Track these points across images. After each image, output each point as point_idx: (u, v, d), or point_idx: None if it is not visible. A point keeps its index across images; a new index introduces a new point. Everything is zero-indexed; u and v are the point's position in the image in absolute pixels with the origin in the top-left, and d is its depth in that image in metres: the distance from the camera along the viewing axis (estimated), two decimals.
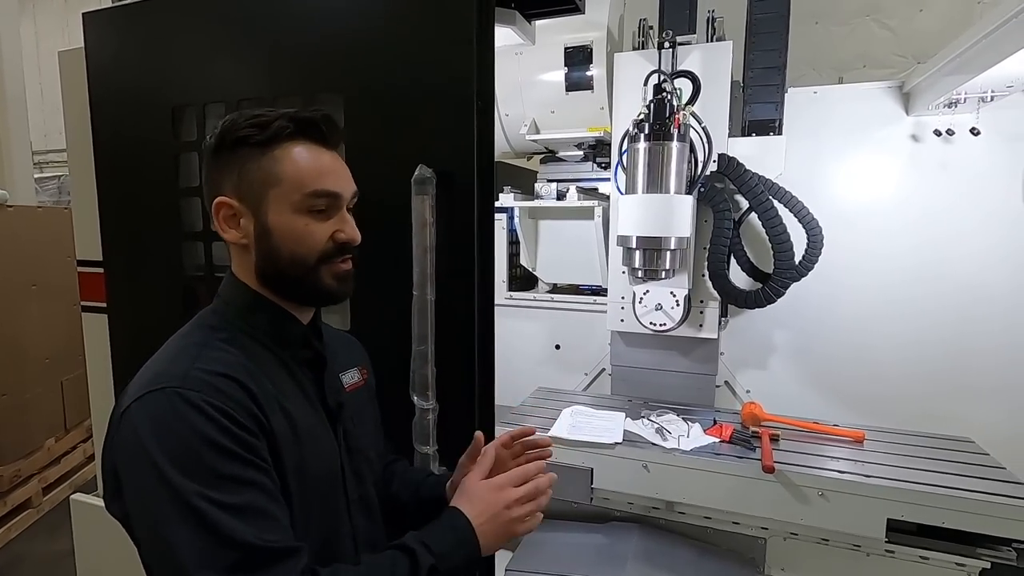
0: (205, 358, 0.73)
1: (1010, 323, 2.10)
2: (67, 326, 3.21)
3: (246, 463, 0.67)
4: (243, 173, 0.76)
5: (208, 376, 0.70)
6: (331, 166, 0.79)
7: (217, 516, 0.63)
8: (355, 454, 0.87)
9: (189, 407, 0.66)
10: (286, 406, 0.76)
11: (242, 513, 0.64)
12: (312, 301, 0.84)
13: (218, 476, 0.64)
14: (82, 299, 1.75)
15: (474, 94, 1.15)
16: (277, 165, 0.76)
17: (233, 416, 0.68)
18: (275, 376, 0.78)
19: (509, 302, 2.59)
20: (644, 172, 1.91)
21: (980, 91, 1.86)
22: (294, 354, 0.82)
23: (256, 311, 0.81)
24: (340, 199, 0.79)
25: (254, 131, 0.75)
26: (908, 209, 2.19)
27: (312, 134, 0.78)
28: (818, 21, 3.27)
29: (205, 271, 1.47)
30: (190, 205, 1.46)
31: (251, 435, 0.69)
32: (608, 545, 1.79)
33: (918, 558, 1.61)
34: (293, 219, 0.76)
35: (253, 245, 0.78)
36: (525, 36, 1.47)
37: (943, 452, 1.79)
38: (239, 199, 0.77)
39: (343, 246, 0.80)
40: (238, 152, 0.76)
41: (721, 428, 1.90)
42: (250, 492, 0.66)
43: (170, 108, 1.44)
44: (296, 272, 0.78)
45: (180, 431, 0.65)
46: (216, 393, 0.68)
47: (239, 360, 0.75)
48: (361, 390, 0.94)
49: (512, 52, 2.33)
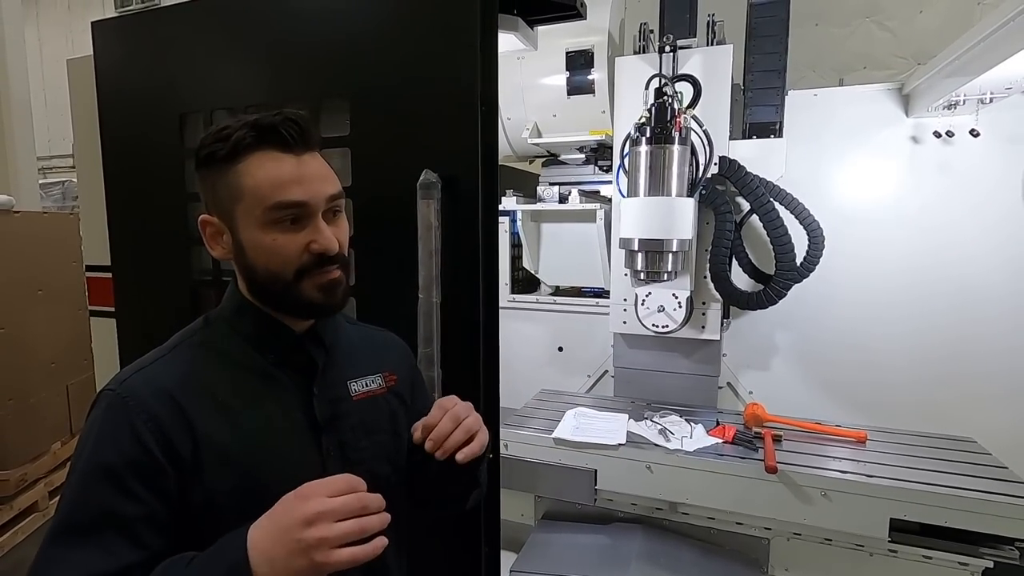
0: (157, 364, 0.76)
1: (1011, 324, 2.10)
2: (72, 330, 3.23)
3: (121, 489, 0.67)
4: (215, 190, 0.76)
5: (143, 386, 0.72)
6: (294, 174, 0.73)
7: (62, 528, 0.67)
8: (354, 467, 0.78)
9: (109, 417, 0.70)
10: (238, 416, 0.75)
11: (82, 536, 0.66)
12: (300, 314, 0.80)
13: (89, 492, 0.68)
14: (91, 304, 1.77)
15: (478, 99, 1.17)
16: (240, 179, 0.73)
17: (141, 438, 0.69)
18: (242, 385, 0.77)
19: (512, 305, 2.60)
20: (646, 175, 1.93)
21: (979, 93, 1.87)
22: (280, 361, 0.80)
23: (241, 315, 0.81)
24: (307, 208, 0.73)
25: (218, 146, 0.73)
26: (908, 210, 2.20)
27: (274, 140, 0.73)
28: (818, 23, 3.28)
29: (213, 275, 1.49)
30: (198, 210, 1.48)
31: (151, 460, 0.69)
32: (612, 546, 1.80)
33: (921, 558, 1.62)
34: (260, 235, 0.73)
35: (234, 260, 0.78)
36: (527, 42, 1.48)
37: (945, 452, 1.80)
38: (218, 216, 0.77)
39: (320, 256, 0.74)
40: (210, 168, 0.75)
41: (724, 429, 1.91)
42: (106, 520, 0.66)
43: (178, 114, 1.47)
44: (276, 287, 0.76)
45: (91, 437, 0.70)
46: (138, 406, 0.70)
47: (195, 368, 0.76)
48: (379, 399, 0.88)
49: (514, 57, 2.35)
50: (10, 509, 2.81)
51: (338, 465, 0.80)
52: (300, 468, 0.76)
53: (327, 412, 0.81)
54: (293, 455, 0.78)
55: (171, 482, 0.70)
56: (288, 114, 0.74)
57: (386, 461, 0.87)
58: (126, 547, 0.66)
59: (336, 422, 0.82)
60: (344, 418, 0.83)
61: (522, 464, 1.90)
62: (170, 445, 0.70)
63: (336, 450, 0.81)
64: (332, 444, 0.81)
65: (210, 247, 0.80)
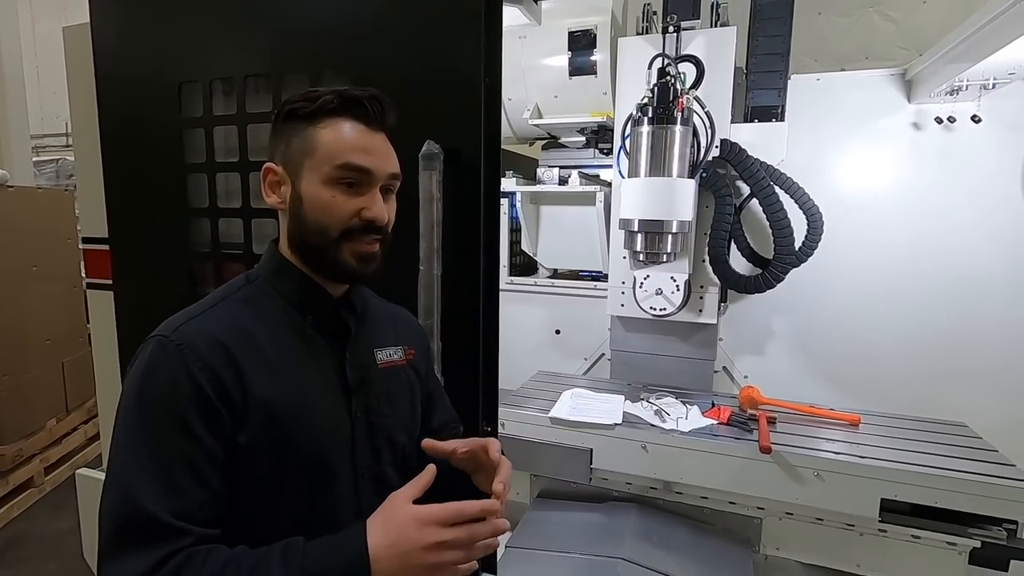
0: (207, 316, 0.78)
1: (1006, 311, 2.12)
2: (67, 307, 3.21)
3: (185, 431, 0.69)
4: (289, 143, 0.80)
5: (196, 334, 0.74)
6: (366, 143, 0.80)
7: (131, 468, 0.68)
8: (377, 431, 0.85)
9: (165, 361, 0.72)
10: (282, 372, 0.77)
11: (152, 475, 0.68)
12: (331, 275, 0.84)
13: (154, 434, 0.69)
14: (88, 276, 1.76)
15: (482, 71, 1.16)
16: (316, 137, 0.78)
17: (197, 381, 0.71)
18: (282, 341, 0.79)
19: (510, 287, 2.60)
20: (647, 155, 1.92)
21: (982, 78, 1.87)
22: (318, 323, 0.83)
23: (282, 276, 0.84)
24: (371, 176, 0.79)
25: (303, 104, 0.79)
26: (907, 196, 2.20)
27: (357, 112, 0.79)
28: (821, 12, 3.25)
29: (211, 248, 1.48)
30: (197, 181, 1.47)
31: (208, 403, 0.71)
32: (606, 524, 1.82)
33: (910, 537, 1.64)
34: (321, 189, 0.78)
35: (288, 211, 0.82)
36: (531, 16, 1.47)
37: (936, 435, 1.82)
38: (283, 166, 0.81)
39: (368, 224, 0.79)
40: (289, 123, 0.80)
41: (719, 411, 1.92)
42: (173, 458, 0.69)
43: (176, 84, 1.45)
44: (318, 243, 0.79)
45: (149, 380, 0.72)
46: (192, 351, 0.72)
47: (242, 322, 0.78)
48: (400, 369, 0.92)
49: (516, 36, 2.33)
50: (6, 484, 2.81)
51: (363, 429, 0.84)
52: (332, 428, 0.81)
53: (357, 377, 0.85)
54: (327, 415, 0.81)
55: (227, 426, 0.72)
56: (375, 93, 0.81)
57: (403, 430, 0.91)
58: (195, 486, 0.69)
59: (364, 387, 0.85)
60: (371, 384, 0.86)
61: (519, 443, 1.92)
62: (225, 390, 0.72)
63: (362, 414, 0.84)
64: (360, 408, 0.84)
65: (266, 194, 0.83)
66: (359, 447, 0.83)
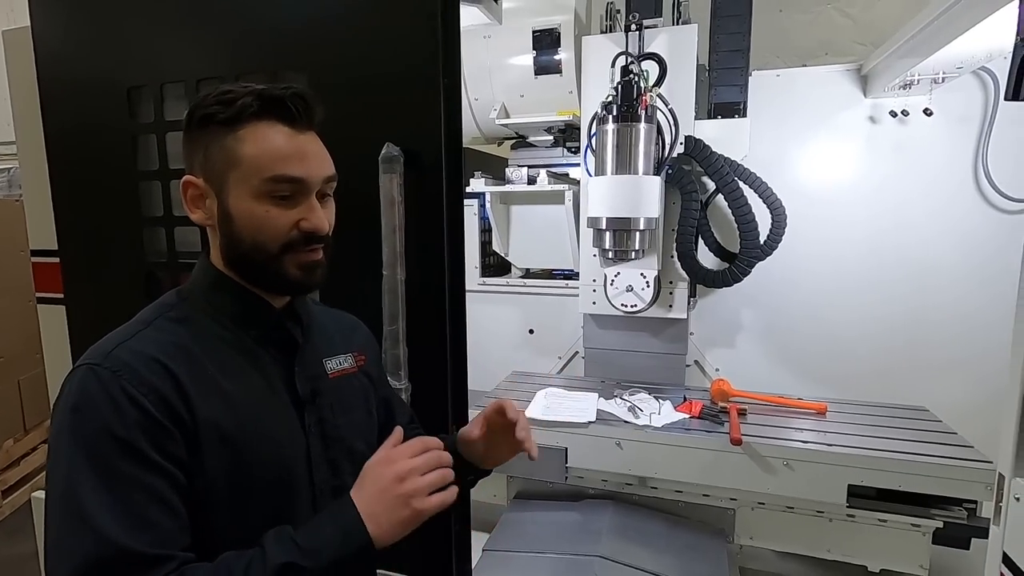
0: (140, 337, 0.71)
1: (961, 298, 2.19)
2: (23, 324, 3.08)
3: (139, 460, 0.65)
4: (208, 152, 0.73)
5: (132, 357, 0.68)
6: (296, 149, 0.73)
7: (93, 508, 0.62)
8: (333, 443, 0.82)
9: (101, 390, 0.66)
10: (229, 392, 0.73)
11: (118, 511, 0.63)
12: (277, 289, 0.80)
13: (107, 468, 0.64)
14: (37, 290, 1.68)
15: (440, 71, 1.14)
16: (239, 146, 0.72)
17: (143, 405, 0.66)
18: (225, 359, 0.75)
19: (482, 288, 2.59)
20: (613, 153, 1.93)
21: (932, 73, 1.93)
22: (261, 336, 0.79)
23: (219, 291, 0.78)
24: (306, 184, 0.74)
25: (219, 108, 0.72)
26: (866, 189, 2.26)
27: (280, 113, 0.73)
28: (782, 9, 3.31)
29: (168, 257, 1.43)
30: (149, 189, 1.42)
31: (158, 427, 0.66)
32: (582, 522, 1.83)
33: (877, 521, 1.69)
34: (253, 205, 0.72)
35: (217, 228, 0.76)
36: (492, 15, 1.46)
37: (899, 420, 1.88)
38: (205, 179, 0.75)
39: (309, 235, 0.75)
40: (206, 130, 0.73)
41: (691, 405, 1.95)
42: (133, 491, 0.64)
43: (126, 88, 1.40)
44: (259, 258, 0.75)
45: (86, 414, 0.65)
46: (132, 377, 0.67)
47: (180, 341, 0.73)
48: (352, 377, 0.89)
49: (480, 35, 2.32)
50: None
51: (319, 442, 0.81)
52: (286, 444, 0.78)
53: (308, 389, 0.82)
54: (280, 431, 0.78)
55: (181, 448, 0.68)
56: (297, 89, 0.75)
57: (361, 438, 0.88)
58: (164, 515, 0.65)
59: (316, 399, 0.82)
60: (323, 395, 0.83)
61: None
62: (172, 410, 0.67)
63: (316, 427, 0.81)
64: (313, 421, 0.81)
65: (189, 210, 0.77)
66: (316, 462, 0.80)
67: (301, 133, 0.75)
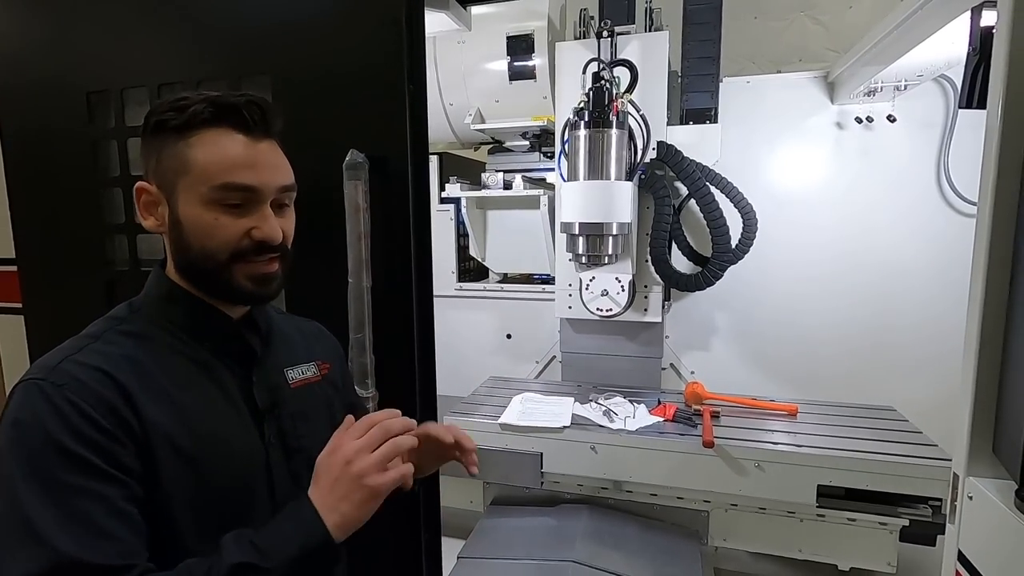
0: (87, 350, 0.69)
1: (926, 300, 2.25)
2: None
3: (90, 472, 0.63)
4: (160, 158, 0.72)
5: (78, 369, 0.66)
6: (248, 157, 0.72)
7: (42, 524, 0.60)
8: (294, 454, 0.81)
9: (46, 403, 0.64)
10: (182, 403, 0.71)
11: (70, 525, 0.61)
12: (228, 299, 0.78)
13: (56, 482, 0.62)
14: None
15: (405, 77, 1.14)
16: (189, 152, 0.71)
17: (91, 416, 0.64)
18: (178, 371, 0.73)
19: (459, 293, 2.58)
20: (585, 159, 1.94)
21: (895, 80, 1.98)
22: (216, 348, 0.77)
23: (172, 302, 0.77)
24: (258, 193, 0.72)
25: (172, 115, 0.71)
26: (834, 194, 2.31)
27: (234, 121, 0.72)
28: (756, 16, 3.37)
29: (129, 265, 1.40)
30: (110, 196, 1.39)
31: (109, 438, 0.64)
32: (557, 527, 1.82)
33: (846, 520, 1.72)
34: (202, 212, 0.71)
35: (168, 236, 0.75)
36: (460, 22, 1.46)
37: (867, 420, 1.91)
38: (157, 185, 0.73)
39: (260, 244, 0.73)
40: (159, 136, 0.72)
41: (665, 408, 1.96)
42: (86, 503, 0.62)
43: (85, 93, 1.37)
44: (207, 267, 0.73)
45: (30, 428, 0.63)
46: (79, 389, 0.65)
47: (129, 353, 0.71)
48: (314, 386, 0.87)
49: (455, 41, 2.32)
50: None
51: (279, 455, 0.79)
52: (245, 456, 0.76)
53: (267, 400, 0.80)
54: (238, 443, 0.76)
55: (134, 460, 0.66)
56: (253, 97, 0.73)
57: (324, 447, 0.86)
58: (122, 527, 0.63)
59: (276, 410, 0.81)
60: (283, 405, 0.82)
61: None
62: (123, 421, 0.66)
63: (276, 438, 0.80)
64: (273, 432, 0.80)
65: (142, 216, 0.76)
66: (277, 475, 0.79)
67: (257, 142, 0.73)
